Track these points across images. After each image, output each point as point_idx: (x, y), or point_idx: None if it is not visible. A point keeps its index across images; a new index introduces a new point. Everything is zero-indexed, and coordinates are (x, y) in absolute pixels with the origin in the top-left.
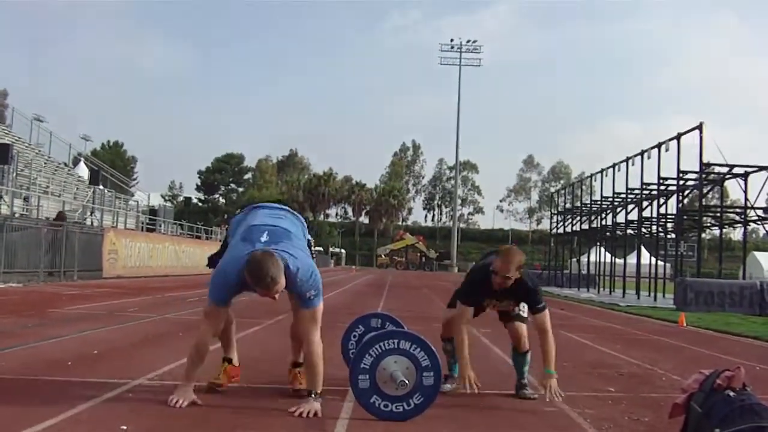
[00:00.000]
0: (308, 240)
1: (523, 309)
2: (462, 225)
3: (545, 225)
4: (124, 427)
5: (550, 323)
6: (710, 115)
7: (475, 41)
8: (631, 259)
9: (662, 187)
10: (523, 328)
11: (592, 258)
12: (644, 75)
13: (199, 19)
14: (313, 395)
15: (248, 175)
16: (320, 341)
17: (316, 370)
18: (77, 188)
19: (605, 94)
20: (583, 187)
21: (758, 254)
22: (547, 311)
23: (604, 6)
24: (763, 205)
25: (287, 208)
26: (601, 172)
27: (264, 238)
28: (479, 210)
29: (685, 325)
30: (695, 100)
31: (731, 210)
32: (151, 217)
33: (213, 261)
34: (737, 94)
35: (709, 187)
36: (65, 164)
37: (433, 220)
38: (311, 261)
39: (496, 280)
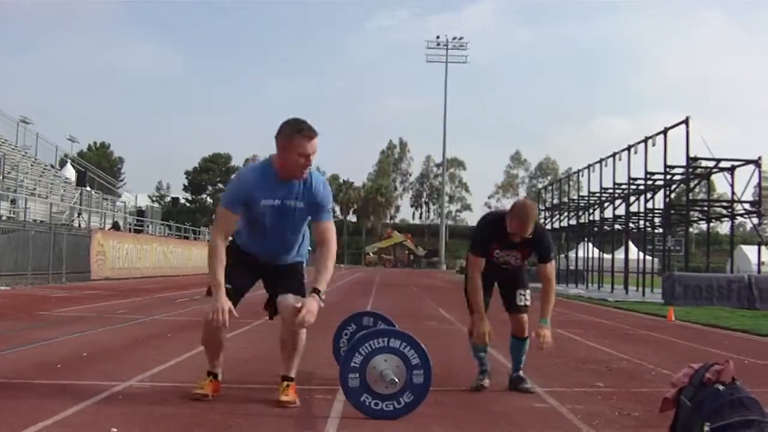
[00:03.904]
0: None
1: (527, 296)
2: (450, 222)
3: None
4: (115, 430)
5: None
6: (696, 110)
7: (461, 38)
8: (619, 254)
9: (649, 182)
10: (525, 317)
11: (580, 254)
12: (630, 71)
13: (184, 19)
14: (319, 294)
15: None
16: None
17: (330, 271)
18: (64, 190)
19: (591, 90)
20: (571, 182)
21: (745, 248)
22: (553, 262)
23: (589, 2)
24: (750, 198)
25: None
26: (588, 167)
27: None
28: (467, 207)
29: (673, 319)
30: (681, 96)
31: (718, 204)
32: (138, 218)
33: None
34: (723, 90)
35: (695, 182)
36: (52, 166)
37: (421, 217)
38: None
39: (514, 239)
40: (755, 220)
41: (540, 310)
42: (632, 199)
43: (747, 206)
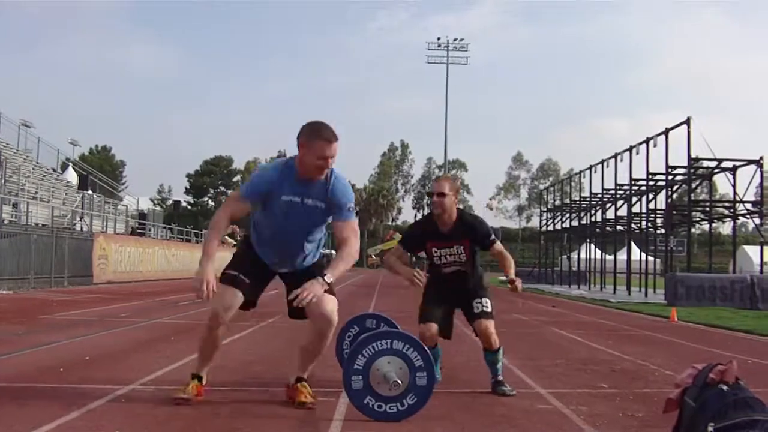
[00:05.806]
0: None
1: (486, 304)
2: None
3: (535, 222)
4: None
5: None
6: (697, 110)
7: (462, 39)
8: (621, 255)
9: (651, 183)
10: (491, 325)
11: (582, 255)
12: (631, 71)
13: (185, 21)
14: (324, 278)
15: (237, 178)
16: (358, 249)
17: (345, 264)
18: (66, 194)
19: (592, 90)
20: (572, 183)
21: (748, 248)
22: (498, 243)
23: (588, 3)
24: (752, 198)
25: None
26: (590, 168)
27: None
28: (469, 208)
29: (676, 320)
30: (683, 96)
31: (720, 204)
32: (140, 221)
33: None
34: (724, 90)
35: (697, 182)
36: (53, 170)
37: None
38: None
39: (434, 200)
40: (757, 220)
41: (505, 271)
42: (634, 199)
43: (749, 206)
